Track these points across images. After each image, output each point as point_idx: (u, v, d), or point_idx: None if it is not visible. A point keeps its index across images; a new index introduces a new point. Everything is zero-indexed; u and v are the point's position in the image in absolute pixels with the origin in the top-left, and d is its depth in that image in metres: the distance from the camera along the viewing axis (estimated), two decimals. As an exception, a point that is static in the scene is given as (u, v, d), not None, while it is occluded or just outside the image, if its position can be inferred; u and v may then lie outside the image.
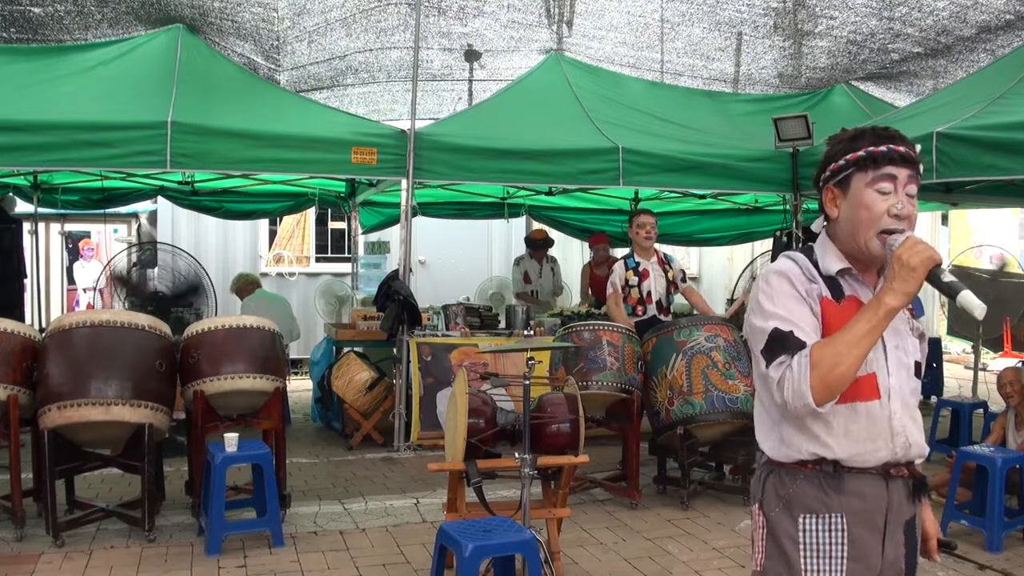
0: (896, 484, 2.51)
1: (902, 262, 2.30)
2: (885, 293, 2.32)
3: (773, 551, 2.53)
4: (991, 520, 6.27)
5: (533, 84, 10.32)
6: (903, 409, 2.50)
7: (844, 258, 2.53)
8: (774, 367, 2.41)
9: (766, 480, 2.58)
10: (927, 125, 7.70)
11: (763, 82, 11.91)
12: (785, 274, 2.51)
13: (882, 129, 2.51)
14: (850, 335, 2.32)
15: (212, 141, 7.93)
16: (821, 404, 2.33)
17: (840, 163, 2.51)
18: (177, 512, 6.73)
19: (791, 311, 2.45)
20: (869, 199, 2.44)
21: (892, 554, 2.51)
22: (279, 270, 14.36)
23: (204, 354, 6.29)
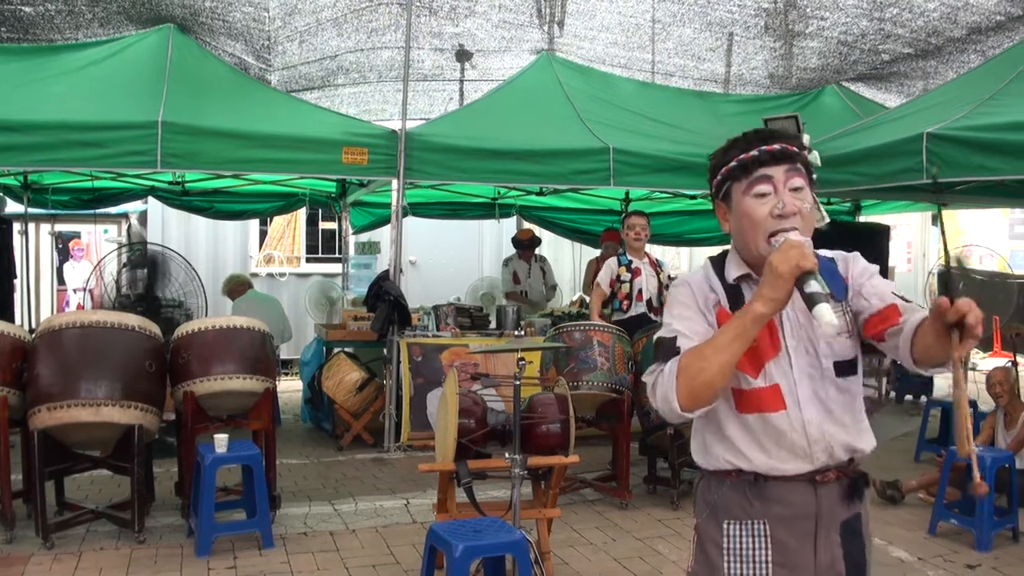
0: (826, 488, 2.45)
1: (771, 267, 2.21)
2: (754, 299, 2.24)
3: (700, 556, 2.53)
4: (980, 519, 6.30)
5: (524, 84, 10.33)
6: (821, 415, 2.41)
7: (744, 264, 2.48)
8: (648, 374, 2.41)
9: (699, 486, 2.59)
10: (917, 126, 7.73)
11: (754, 83, 11.94)
12: (687, 283, 2.52)
13: (753, 132, 2.45)
14: (716, 342, 2.27)
15: (203, 141, 7.93)
16: (689, 410, 2.29)
17: (717, 178, 2.48)
18: (167, 513, 6.73)
19: (681, 319, 2.44)
20: (748, 206, 2.38)
21: (827, 557, 2.45)
22: (269, 270, 14.34)
23: (194, 355, 6.29)
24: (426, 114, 12.41)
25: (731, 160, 2.42)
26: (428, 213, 12.66)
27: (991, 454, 6.48)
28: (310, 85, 11.73)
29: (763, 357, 2.40)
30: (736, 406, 2.42)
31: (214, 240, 13.92)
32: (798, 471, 2.41)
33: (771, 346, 2.41)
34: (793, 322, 2.44)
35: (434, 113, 12.43)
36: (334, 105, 12.03)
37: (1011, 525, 6.54)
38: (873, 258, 9.49)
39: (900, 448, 9.44)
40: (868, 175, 8.33)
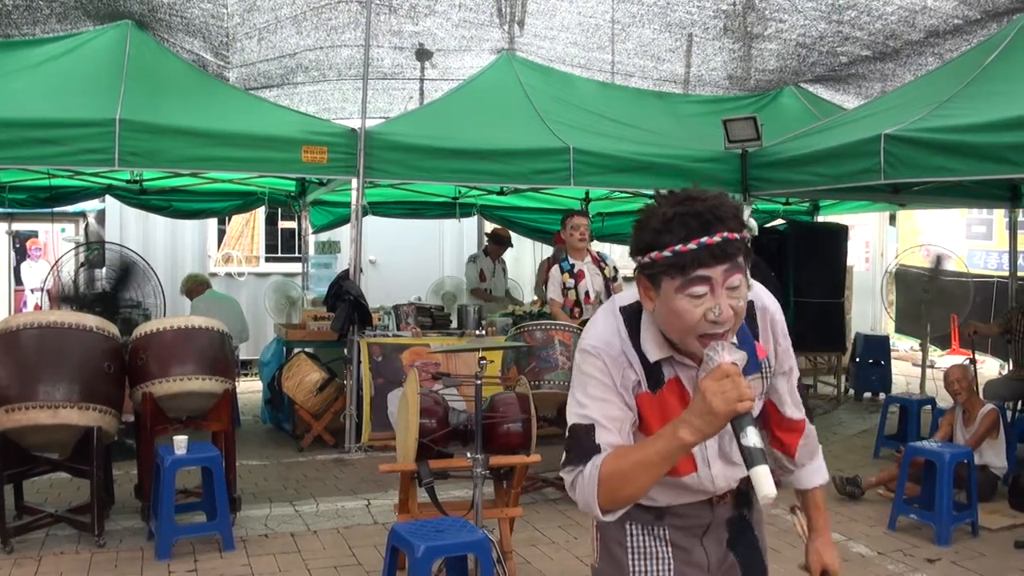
0: (721, 506, 2.50)
1: (705, 399, 2.01)
2: (682, 425, 2.06)
3: (605, 554, 2.54)
4: (939, 514, 6.42)
5: (485, 84, 10.35)
6: (725, 467, 2.41)
7: (666, 345, 2.28)
8: (566, 472, 2.28)
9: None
10: (875, 127, 7.84)
11: (713, 83, 12.03)
12: (600, 355, 2.28)
13: (692, 212, 2.10)
14: (643, 459, 2.13)
15: (161, 139, 7.88)
16: (608, 515, 2.24)
17: (646, 261, 2.16)
18: (127, 516, 6.69)
19: (597, 402, 2.26)
20: (680, 306, 2.12)
21: (718, 552, 2.50)
22: (228, 270, 14.26)
23: (152, 355, 6.26)
24: (386, 113, 12.40)
25: (665, 248, 2.10)
26: (388, 212, 12.65)
27: (950, 450, 6.58)
28: (269, 83, 11.67)
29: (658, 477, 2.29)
30: None
31: (172, 239, 13.81)
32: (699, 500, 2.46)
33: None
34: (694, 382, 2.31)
35: (394, 112, 12.42)
36: (293, 103, 11.99)
37: (970, 519, 6.65)
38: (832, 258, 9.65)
39: (859, 444, 9.57)
40: (826, 175, 8.43)
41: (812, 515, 2.69)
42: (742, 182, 9.59)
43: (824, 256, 11.73)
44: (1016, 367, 9.17)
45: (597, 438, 2.22)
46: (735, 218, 2.14)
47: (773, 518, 6.91)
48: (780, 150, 9.27)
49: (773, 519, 6.89)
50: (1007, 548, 6.32)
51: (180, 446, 5.96)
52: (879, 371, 12.28)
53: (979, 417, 7.27)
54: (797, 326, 11.34)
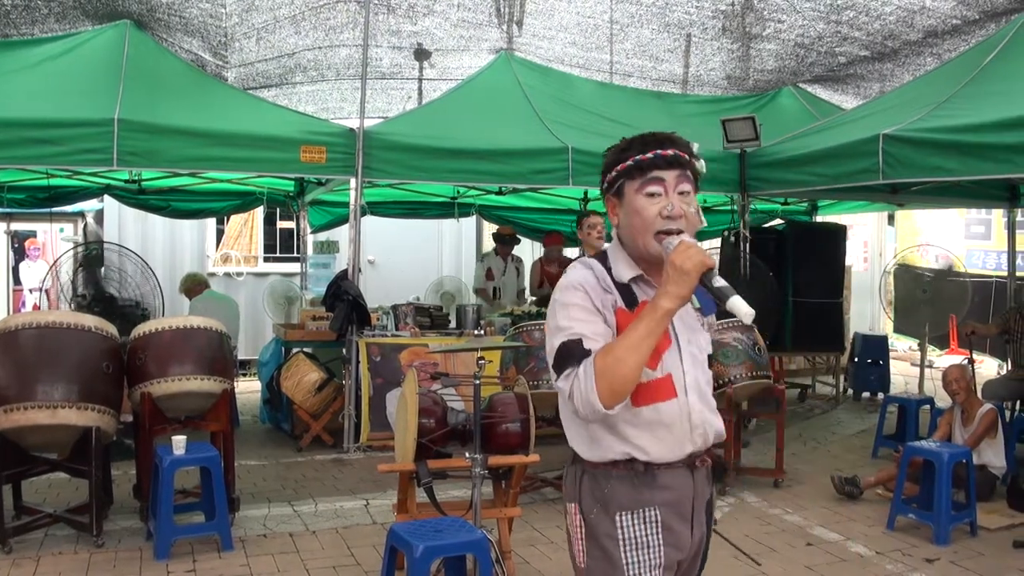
0: (699, 472, 2.68)
1: (675, 266, 2.37)
2: (660, 296, 2.39)
3: (595, 551, 2.63)
4: (938, 514, 6.42)
5: (483, 84, 10.35)
6: (700, 401, 2.63)
7: (635, 264, 2.63)
8: (563, 379, 2.48)
9: (581, 482, 2.69)
10: (874, 127, 7.85)
11: (711, 84, 12.03)
12: (580, 286, 2.56)
13: (650, 136, 2.61)
14: (630, 340, 2.38)
15: (159, 139, 7.88)
16: (610, 408, 2.41)
17: (612, 174, 2.63)
18: (125, 516, 6.69)
19: (581, 321, 2.50)
20: (640, 204, 2.55)
21: (698, 534, 2.70)
22: (227, 270, 14.25)
23: (151, 355, 6.26)
24: (384, 113, 12.41)
25: (627, 159, 2.59)
26: (387, 212, 12.64)
27: (948, 450, 6.58)
28: (268, 83, 11.68)
29: (660, 349, 2.54)
30: (632, 401, 2.52)
31: (171, 239, 13.81)
32: (680, 456, 2.61)
33: (665, 337, 2.56)
34: (679, 316, 2.58)
35: (392, 112, 12.43)
36: (292, 103, 12.00)
37: (968, 519, 6.66)
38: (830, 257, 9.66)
39: (858, 444, 9.57)
40: (825, 175, 8.44)
41: None
42: (740, 182, 9.60)
43: (823, 256, 11.73)
44: (1014, 367, 9.18)
45: (586, 346, 2.45)
46: (687, 145, 2.62)
47: (771, 518, 6.93)
48: (778, 150, 9.27)
49: (770, 519, 6.91)
50: (1006, 548, 6.32)
51: (179, 446, 5.96)
52: (878, 371, 12.29)
53: (978, 417, 7.27)
54: (796, 326, 11.35)
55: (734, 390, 7.55)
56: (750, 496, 7.58)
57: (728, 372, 7.59)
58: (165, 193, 11.54)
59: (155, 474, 6.00)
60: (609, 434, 2.59)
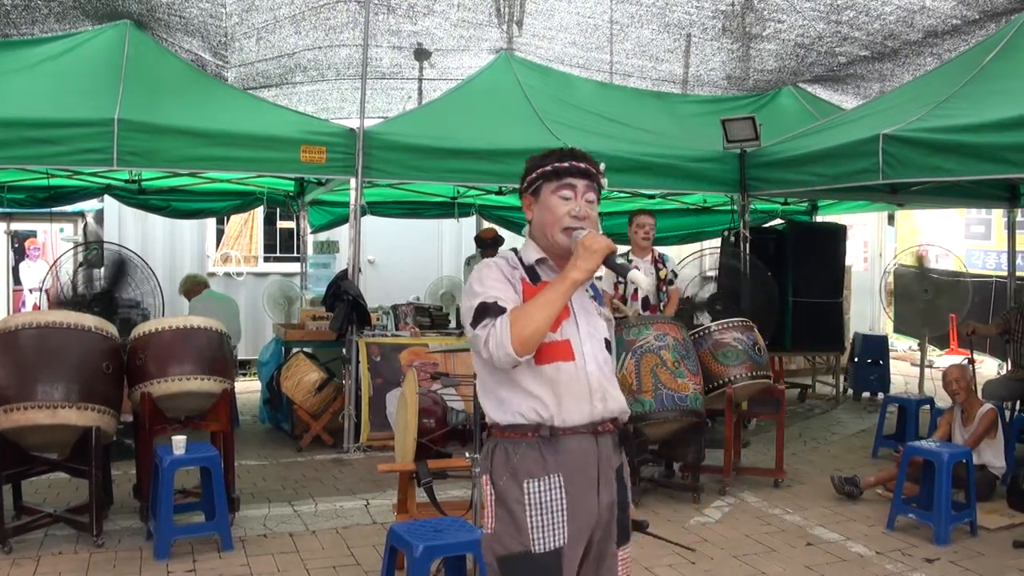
0: (604, 439, 3.02)
1: (585, 246, 2.91)
2: (570, 269, 2.90)
3: (503, 515, 2.95)
4: (938, 514, 6.43)
5: (483, 84, 10.35)
6: (598, 371, 3.03)
7: (541, 252, 3.11)
8: (480, 328, 2.88)
9: (494, 454, 3.01)
10: (874, 127, 7.84)
11: (711, 84, 12.03)
12: (493, 264, 3.07)
13: (568, 150, 3.14)
14: (542, 299, 2.87)
15: (159, 139, 7.88)
16: (520, 355, 2.82)
17: (533, 176, 3.13)
18: (125, 516, 6.69)
19: (496, 288, 2.96)
20: (553, 203, 3.05)
21: (607, 497, 3.01)
22: (227, 270, 14.24)
23: (151, 355, 6.26)
24: (384, 113, 12.40)
25: (547, 165, 3.10)
26: (387, 212, 12.63)
27: (948, 450, 6.58)
28: (268, 83, 11.68)
29: (560, 317, 2.95)
30: (535, 359, 2.91)
31: (171, 239, 13.79)
32: (583, 421, 2.97)
33: (565, 310, 2.99)
34: (577, 298, 3.07)
35: (392, 112, 12.42)
36: (292, 103, 11.99)
37: (969, 519, 6.66)
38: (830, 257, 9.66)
39: (858, 444, 9.57)
40: (824, 175, 8.43)
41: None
42: (740, 182, 9.60)
43: (822, 256, 11.73)
44: (1015, 367, 9.18)
45: (501, 304, 2.90)
46: (596, 164, 3.15)
47: (770, 518, 6.93)
48: (778, 150, 9.28)
49: (770, 519, 6.91)
50: (1006, 548, 6.33)
51: (179, 446, 5.96)
52: (878, 371, 12.28)
53: (978, 417, 7.27)
54: (796, 326, 11.35)
55: (734, 390, 7.56)
56: (750, 496, 7.58)
57: (728, 372, 7.60)
58: (165, 193, 11.53)
59: (155, 474, 6.01)
60: (516, 396, 2.95)
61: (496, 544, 2.93)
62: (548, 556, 2.88)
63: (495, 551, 2.94)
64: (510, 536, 2.90)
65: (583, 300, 3.12)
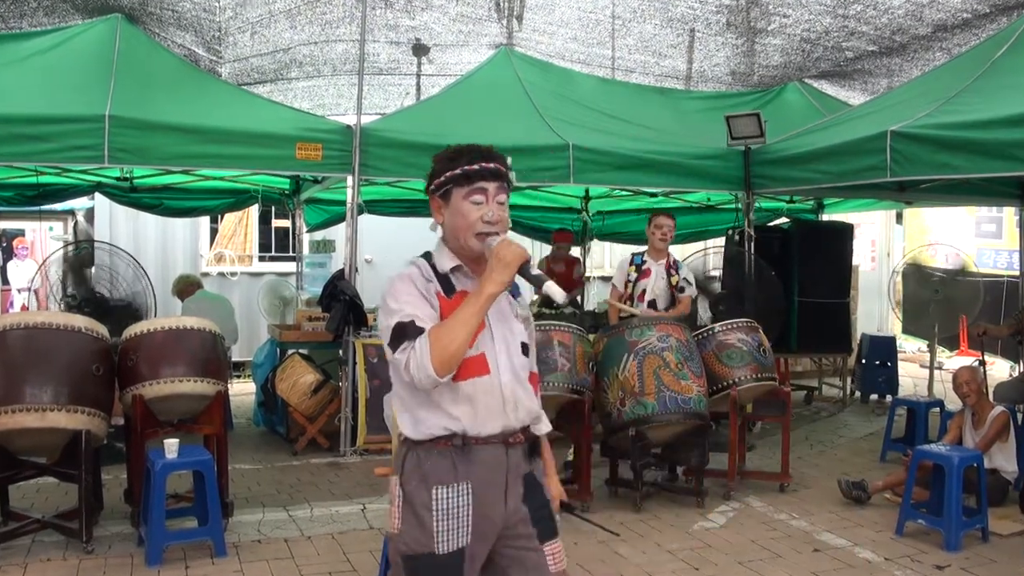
0: (514, 449, 3.11)
1: (499, 258, 2.91)
2: (486, 283, 2.91)
3: (410, 518, 3.03)
4: (949, 519, 6.38)
5: (482, 79, 10.34)
6: (512, 380, 3.09)
7: (455, 257, 3.11)
8: (400, 352, 2.93)
9: (406, 459, 3.08)
10: (881, 123, 7.83)
11: (715, 79, 12.02)
12: (407, 277, 3.07)
13: (476, 148, 3.10)
14: (459, 317, 2.89)
15: (152, 136, 7.86)
16: (442, 375, 2.87)
17: (441, 179, 3.08)
18: (116, 522, 6.67)
19: (411, 304, 2.99)
20: (465, 209, 3.04)
21: (514, 504, 3.10)
22: (220, 269, 14.24)
23: (143, 357, 6.25)
24: (382, 109, 12.38)
25: (457, 168, 3.05)
26: (384, 211, 12.60)
27: (959, 453, 6.56)
28: (262, 78, 11.66)
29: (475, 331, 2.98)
30: (452, 377, 2.95)
31: (163, 238, 13.80)
32: (496, 431, 3.04)
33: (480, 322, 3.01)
34: (494, 305, 3.04)
35: (390, 108, 12.40)
36: (287, 99, 11.97)
37: (980, 525, 6.62)
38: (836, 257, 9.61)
39: (866, 448, 9.56)
40: (831, 173, 8.41)
41: (546, 457, 3.36)
42: (745, 179, 9.59)
43: (829, 255, 11.71)
44: (1026, 368, 9.16)
45: (419, 324, 2.93)
46: (505, 160, 3.14)
47: (776, 523, 6.91)
48: (784, 147, 9.26)
49: (775, 524, 6.89)
50: (1018, 554, 6.30)
51: (171, 450, 5.95)
52: (886, 373, 12.27)
53: (989, 420, 7.25)
54: (801, 327, 11.32)
55: (738, 392, 7.54)
56: (755, 501, 7.56)
57: (732, 374, 7.57)
58: (157, 191, 11.52)
59: (147, 478, 5.99)
60: (433, 413, 3.01)
61: (401, 544, 3.06)
62: (450, 556, 3.01)
63: (400, 550, 3.06)
64: (415, 538, 3.02)
65: (499, 305, 3.14)
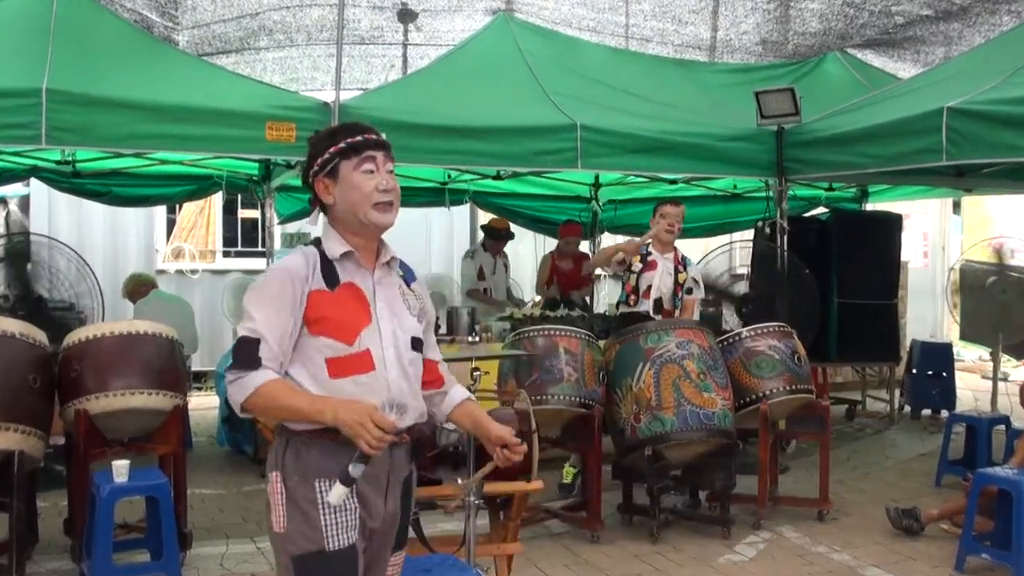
0: (398, 449, 3.34)
1: (349, 412, 3.05)
2: (327, 409, 3.09)
3: (296, 515, 3.23)
4: (1018, 553, 6.28)
5: (478, 50, 10.32)
6: (400, 376, 3.33)
7: (345, 242, 3.34)
8: (232, 372, 3.17)
9: (285, 452, 3.28)
10: (936, 99, 7.78)
11: (744, 50, 12.00)
12: (285, 271, 3.28)
13: (352, 123, 3.51)
14: (289, 404, 3.17)
15: (97, 113, 7.80)
16: (246, 416, 3.32)
17: (326, 156, 3.34)
18: (53, 556, 6.66)
19: (268, 320, 3.19)
20: (357, 180, 3.30)
21: (392, 507, 3.39)
22: (179, 267, 14.26)
23: (88, 366, 6.22)
24: (363, 84, 12.37)
25: (340, 142, 3.33)
26: (366, 199, 12.59)
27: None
28: (226, 48, 11.64)
29: (359, 326, 3.26)
30: (329, 374, 3.23)
31: (112, 231, 13.79)
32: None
33: (364, 316, 3.29)
34: (381, 297, 3.36)
35: (373, 83, 12.39)
36: (255, 72, 11.95)
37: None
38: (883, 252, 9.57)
39: (919, 471, 9.55)
40: (877, 156, 8.38)
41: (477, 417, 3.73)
42: (777, 164, 9.55)
43: (874, 250, 11.68)
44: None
45: (260, 352, 3.15)
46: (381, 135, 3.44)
47: (814, 557, 6.90)
48: (822, 127, 9.24)
49: (813, 558, 6.88)
50: (1094, 592, 6.28)
51: (120, 472, 5.93)
52: (940, 384, 12.25)
53: (1062, 437, 7.23)
54: (842, 332, 11.30)
55: (769, 406, 7.52)
56: (789, 531, 7.55)
57: (763, 385, 7.55)
58: (105, 176, 11.46)
59: (91, 506, 5.97)
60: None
61: (289, 544, 3.24)
62: (343, 552, 3.23)
63: (288, 551, 3.25)
64: (302, 535, 3.21)
65: (389, 295, 3.40)
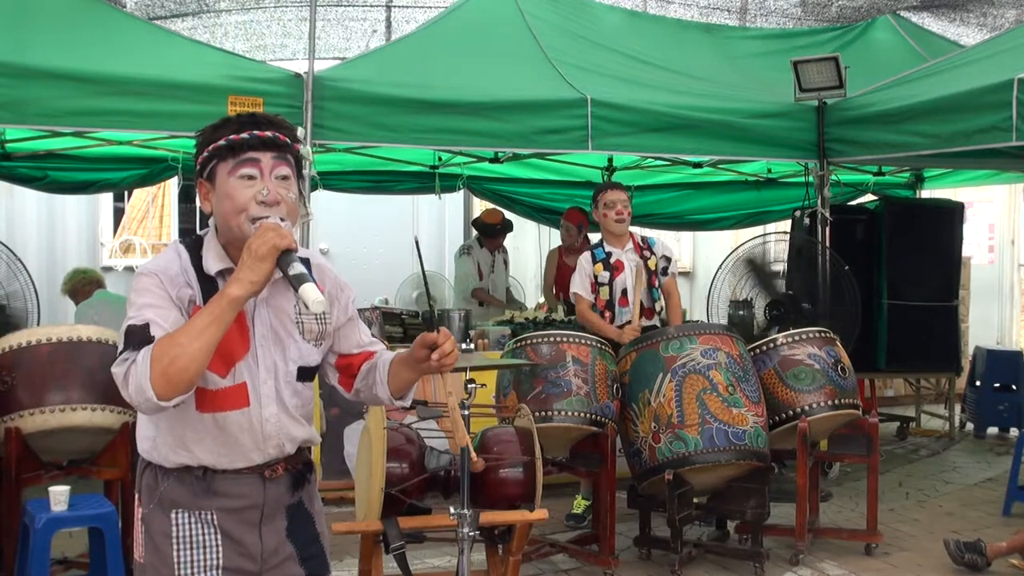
0: (274, 482, 3.25)
1: (250, 250, 2.90)
2: (232, 282, 2.91)
3: (150, 546, 3.17)
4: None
5: (473, 13, 10.32)
6: (279, 411, 3.23)
7: (225, 256, 3.16)
8: (118, 363, 2.95)
9: (144, 474, 3.23)
10: (1005, 69, 7.80)
11: (780, 12, 12.03)
12: (155, 274, 3.08)
13: (248, 116, 3.18)
14: (192, 327, 2.89)
15: (30, 86, 7.81)
16: (166, 399, 2.88)
17: (204, 155, 3.15)
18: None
19: (153, 308, 3.01)
20: (232, 188, 3.06)
21: (274, 541, 3.25)
22: (128, 263, 14.25)
23: (21, 378, 6.21)
24: (342, 53, 12.39)
25: (220, 139, 3.10)
26: (345, 186, 12.61)
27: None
28: (181, 11, 11.66)
29: (234, 356, 3.12)
30: (196, 405, 3.08)
31: (49, 221, 13.78)
32: (248, 465, 3.19)
33: (242, 345, 3.14)
34: (264, 322, 3.21)
35: (352, 51, 12.41)
36: (215, 39, 11.97)
37: None
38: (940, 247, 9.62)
39: (982, 498, 9.55)
40: (934, 136, 8.40)
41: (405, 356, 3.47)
42: (818, 144, 9.58)
43: (930, 244, 11.69)
44: None
45: (152, 331, 2.95)
46: (290, 129, 3.17)
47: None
48: (870, 102, 9.27)
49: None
50: None
51: (59, 500, 5.93)
52: (1009, 399, 12.25)
53: None
54: (892, 338, 11.30)
55: (809, 424, 7.51)
56: (832, 567, 7.57)
57: (801, 400, 7.55)
58: (40, 159, 11.43)
59: (23, 537, 5.98)
60: (169, 439, 3.14)
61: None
62: None
63: None
64: (156, 570, 3.16)
65: (276, 320, 3.25)
